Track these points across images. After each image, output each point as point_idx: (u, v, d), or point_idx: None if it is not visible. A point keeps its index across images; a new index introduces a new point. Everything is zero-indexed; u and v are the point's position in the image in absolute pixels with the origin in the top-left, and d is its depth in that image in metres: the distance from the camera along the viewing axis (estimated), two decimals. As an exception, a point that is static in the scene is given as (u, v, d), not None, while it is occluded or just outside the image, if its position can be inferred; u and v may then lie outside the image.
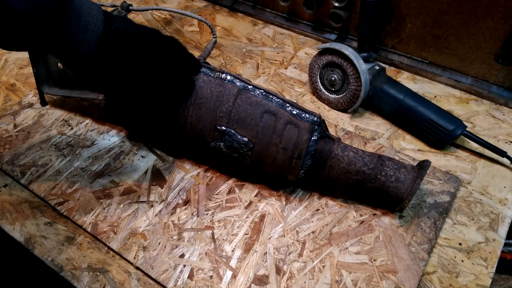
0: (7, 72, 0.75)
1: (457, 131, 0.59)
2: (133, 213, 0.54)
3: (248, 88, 0.52)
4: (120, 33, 0.44)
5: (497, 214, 0.54)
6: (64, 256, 0.51)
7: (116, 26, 0.45)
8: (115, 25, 0.44)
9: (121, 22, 0.46)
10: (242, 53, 0.78)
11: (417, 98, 0.62)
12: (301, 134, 0.50)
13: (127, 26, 0.46)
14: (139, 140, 0.63)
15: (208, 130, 0.52)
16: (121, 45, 0.45)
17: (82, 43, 0.42)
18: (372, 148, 0.61)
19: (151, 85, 0.48)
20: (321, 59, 0.65)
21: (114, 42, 0.44)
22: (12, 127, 0.65)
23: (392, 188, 0.50)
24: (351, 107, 0.65)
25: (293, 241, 0.51)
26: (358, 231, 0.52)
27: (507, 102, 0.66)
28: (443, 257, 0.50)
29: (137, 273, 0.49)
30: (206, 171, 0.59)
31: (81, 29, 0.41)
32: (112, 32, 0.44)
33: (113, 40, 0.44)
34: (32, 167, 0.60)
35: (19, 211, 0.55)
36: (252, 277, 0.48)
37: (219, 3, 0.90)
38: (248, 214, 0.54)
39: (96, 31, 0.42)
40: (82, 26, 0.41)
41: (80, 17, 0.41)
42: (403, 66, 0.73)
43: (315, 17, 0.80)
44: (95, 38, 0.42)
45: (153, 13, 0.88)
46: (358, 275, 0.48)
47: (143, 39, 0.47)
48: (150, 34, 0.48)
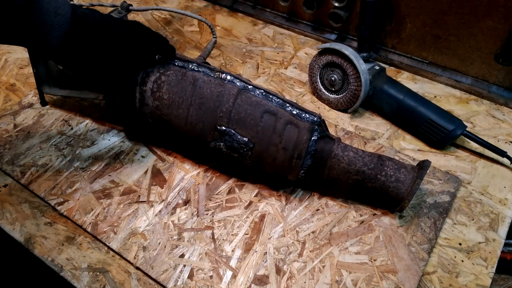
0: (7, 72, 0.75)
1: (457, 131, 0.59)
2: (133, 213, 0.54)
3: (248, 88, 0.52)
4: (86, 17, 0.47)
5: (497, 214, 0.54)
6: (64, 256, 0.51)
7: (82, 11, 0.48)
8: (81, 10, 0.48)
9: (85, 9, 0.49)
10: (242, 53, 0.78)
11: (417, 98, 0.62)
12: (301, 134, 0.50)
13: (92, 12, 0.49)
14: (139, 140, 0.63)
15: (208, 130, 0.52)
16: (90, 27, 0.47)
17: (54, 26, 0.44)
18: (372, 148, 0.61)
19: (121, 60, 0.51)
20: (321, 59, 0.65)
21: (84, 24, 0.47)
22: (12, 127, 0.65)
23: (392, 188, 0.50)
24: (351, 107, 0.65)
25: (293, 241, 0.51)
26: (358, 231, 0.52)
27: (507, 102, 0.66)
28: (443, 257, 0.50)
29: (137, 273, 0.49)
30: (206, 171, 0.59)
31: (51, 13, 0.44)
32: (80, 16, 0.47)
33: (82, 23, 0.46)
34: (32, 167, 0.60)
35: (19, 211, 0.55)
36: (252, 277, 0.48)
37: (219, 3, 0.90)
38: (248, 214, 0.54)
39: (66, 15, 0.45)
40: (52, 11, 0.44)
41: (49, 2, 0.44)
42: (403, 66, 0.73)
43: (315, 17, 0.80)
44: (65, 21, 0.45)
45: (153, 13, 0.88)
46: (358, 275, 0.48)
47: (108, 22, 0.49)
48: (114, 19, 0.51)
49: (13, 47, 0.80)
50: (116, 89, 0.55)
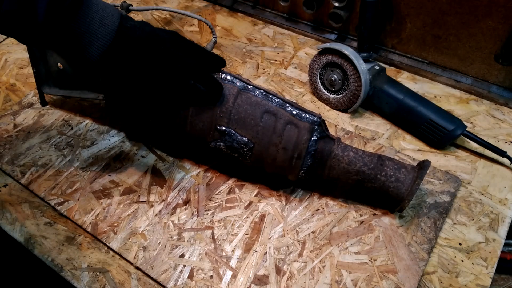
0: (7, 72, 0.75)
1: (457, 131, 0.59)
2: (133, 213, 0.54)
3: (248, 88, 0.52)
4: (134, 29, 0.44)
5: (497, 214, 0.54)
6: (64, 256, 0.51)
7: (132, 24, 0.45)
8: (130, 23, 0.45)
9: (137, 22, 0.46)
10: (242, 53, 0.78)
11: (417, 98, 0.62)
12: (301, 134, 0.50)
13: (143, 26, 0.46)
14: (139, 140, 0.63)
15: (208, 130, 0.52)
16: (136, 41, 0.44)
17: (97, 36, 0.42)
18: (372, 148, 0.61)
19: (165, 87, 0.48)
20: (321, 59, 0.65)
21: (129, 37, 0.44)
22: (12, 127, 0.65)
23: (392, 188, 0.50)
24: (351, 107, 0.65)
25: (293, 241, 0.51)
26: (358, 231, 0.52)
27: (507, 102, 0.66)
28: (443, 257, 0.50)
29: (137, 273, 0.49)
30: (206, 171, 0.59)
31: (96, 23, 0.41)
32: (128, 28, 0.44)
33: (128, 36, 0.43)
34: (32, 167, 0.60)
35: (19, 211, 0.55)
36: (252, 277, 0.48)
37: (219, 3, 0.90)
38: (248, 214, 0.54)
39: (112, 25, 0.42)
40: (97, 20, 0.41)
41: (97, 11, 0.41)
42: (403, 66, 0.73)
43: (315, 17, 0.80)
44: (110, 32, 0.42)
45: (153, 13, 0.88)
46: (358, 275, 0.48)
47: (159, 38, 0.46)
48: (166, 35, 0.48)
49: (13, 47, 0.80)
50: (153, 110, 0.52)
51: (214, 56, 0.52)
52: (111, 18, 0.43)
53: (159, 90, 0.48)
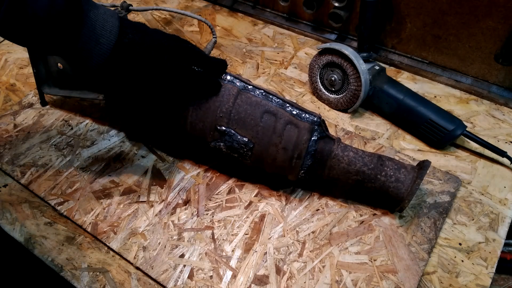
0: (7, 72, 0.75)
1: (457, 131, 0.59)
2: (133, 213, 0.54)
3: (248, 88, 0.52)
4: (132, 45, 0.45)
5: (497, 214, 0.54)
6: (64, 256, 0.51)
7: (130, 37, 0.45)
8: (129, 36, 0.45)
9: (137, 33, 0.46)
10: (242, 53, 0.78)
11: (417, 98, 0.62)
12: (301, 134, 0.50)
13: (142, 37, 0.46)
14: (139, 140, 0.63)
15: (208, 130, 0.52)
16: (132, 58, 0.45)
17: (93, 55, 0.43)
18: (372, 148, 0.61)
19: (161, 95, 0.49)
20: (321, 59, 0.65)
21: (124, 55, 0.45)
22: (12, 127, 0.65)
23: (392, 188, 0.50)
24: (351, 107, 0.65)
25: (293, 241, 0.51)
26: (358, 231, 0.52)
27: (507, 102, 0.66)
28: (443, 257, 0.50)
29: (137, 273, 0.49)
30: (206, 171, 0.59)
31: (93, 42, 0.43)
32: (125, 44, 0.45)
33: (123, 54, 0.45)
34: (32, 167, 0.60)
35: (19, 211, 0.55)
36: (252, 277, 0.48)
37: (219, 3, 0.90)
38: (248, 214, 0.54)
39: (108, 44, 0.43)
40: (94, 39, 0.43)
41: (94, 30, 0.43)
42: (403, 66, 0.73)
43: (315, 17, 0.80)
44: (105, 51, 0.43)
45: (153, 13, 0.88)
46: (358, 275, 0.48)
47: (155, 51, 0.47)
48: (166, 43, 0.48)
49: (13, 47, 0.80)
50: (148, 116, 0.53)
51: (215, 62, 0.52)
52: (108, 36, 0.43)
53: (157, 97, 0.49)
